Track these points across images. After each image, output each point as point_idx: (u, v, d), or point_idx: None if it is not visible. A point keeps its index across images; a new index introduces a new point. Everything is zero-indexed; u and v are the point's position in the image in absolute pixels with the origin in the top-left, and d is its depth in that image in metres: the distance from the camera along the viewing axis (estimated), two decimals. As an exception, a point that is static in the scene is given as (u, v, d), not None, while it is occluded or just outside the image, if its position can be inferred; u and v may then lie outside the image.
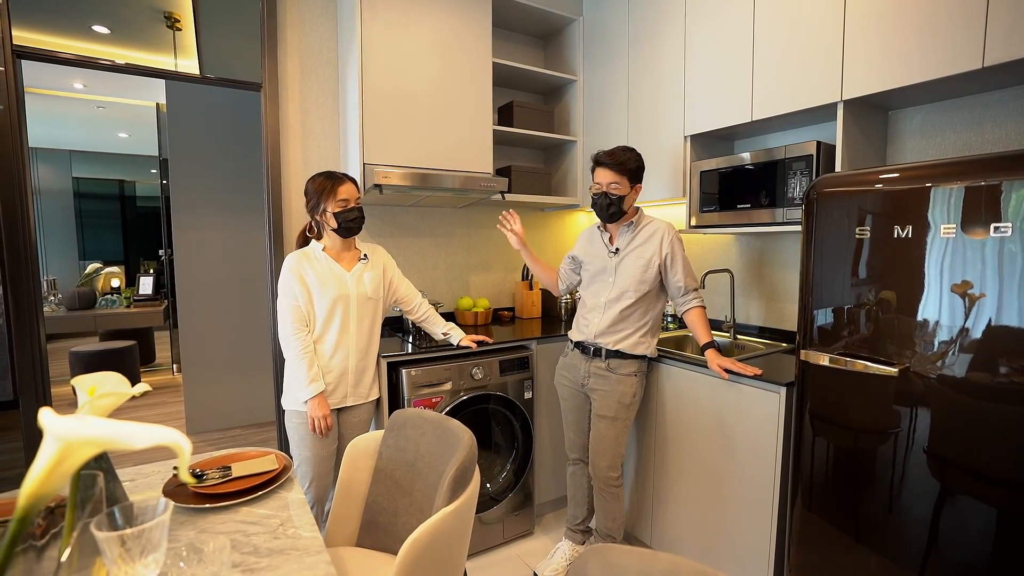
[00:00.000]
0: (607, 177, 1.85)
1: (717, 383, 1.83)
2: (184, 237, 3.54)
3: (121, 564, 0.68)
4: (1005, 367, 1.14)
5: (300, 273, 1.77)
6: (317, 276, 1.78)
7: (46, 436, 0.46)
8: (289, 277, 1.77)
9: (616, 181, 1.85)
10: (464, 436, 1.22)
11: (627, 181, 1.86)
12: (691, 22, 2.18)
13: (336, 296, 1.79)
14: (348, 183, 1.81)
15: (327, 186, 1.78)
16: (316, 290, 1.78)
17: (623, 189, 1.86)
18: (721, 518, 1.86)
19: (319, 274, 1.79)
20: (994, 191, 1.12)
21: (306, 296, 1.77)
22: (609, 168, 1.85)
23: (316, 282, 1.78)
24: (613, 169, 1.84)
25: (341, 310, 1.80)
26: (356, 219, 1.82)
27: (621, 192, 1.86)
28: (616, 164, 1.84)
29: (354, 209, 1.81)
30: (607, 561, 0.78)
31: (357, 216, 1.81)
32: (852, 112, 1.71)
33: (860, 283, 1.39)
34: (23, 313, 1.83)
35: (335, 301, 1.79)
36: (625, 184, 1.86)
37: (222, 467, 1.26)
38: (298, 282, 1.76)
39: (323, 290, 1.78)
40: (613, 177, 1.85)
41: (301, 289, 1.77)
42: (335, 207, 1.77)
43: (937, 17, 1.44)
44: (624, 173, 1.85)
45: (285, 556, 0.94)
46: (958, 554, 1.24)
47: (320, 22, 2.43)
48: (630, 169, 1.85)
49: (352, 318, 1.83)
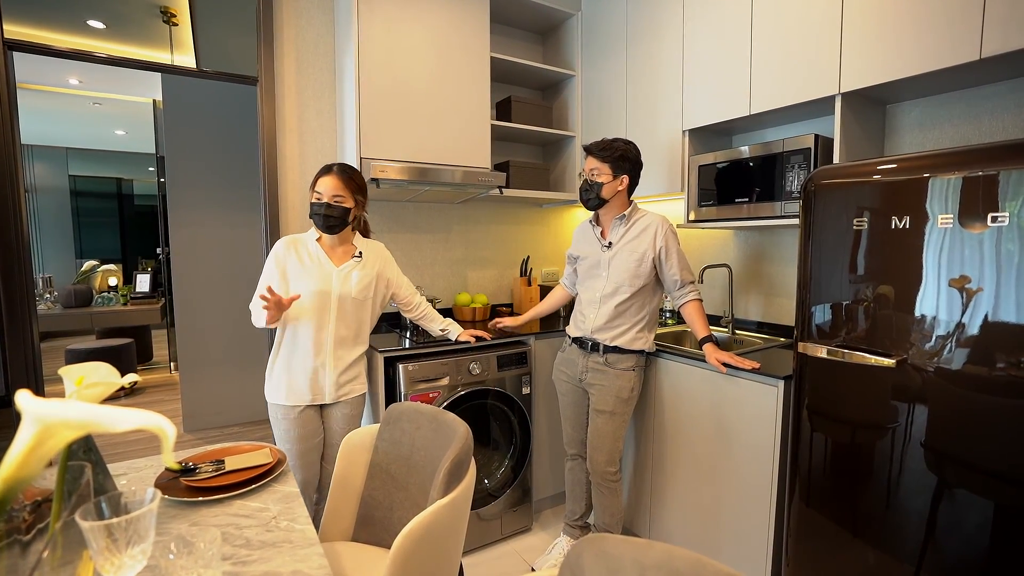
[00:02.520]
0: (589, 164, 1.89)
1: (715, 377, 1.82)
2: (181, 234, 3.52)
3: (107, 555, 0.67)
4: (1002, 360, 1.13)
5: (282, 260, 1.75)
6: (301, 266, 1.75)
7: (24, 419, 0.45)
8: (270, 260, 1.76)
9: (596, 168, 1.87)
10: (460, 429, 1.21)
11: (609, 169, 1.86)
12: (689, 16, 2.17)
13: (315, 290, 1.73)
14: (330, 177, 1.74)
15: (315, 178, 1.76)
16: (294, 281, 1.73)
17: (604, 177, 1.86)
18: (719, 512, 1.85)
19: (303, 264, 1.75)
20: (991, 180, 1.11)
21: (282, 285, 1.73)
22: (592, 155, 1.88)
23: (298, 271, 1.74)
24: (596, 156, 1.87)
25: (318, 305, 1.74)
26: (321, 215, 1.72)
27: (602, 180, 1.86)
28: (599, 150, 1.86)
29: (322, 204, 1.71)
30: (602, 551, 0.77)
31: (323, 213, 1.72)
32: (850, 106, 1.70)
33: (857, 275, 1.38)
34: (15, 309, 1.82)
35: (313, 296, 1.73)
36: (607, 172, 1.86)
37: (215, 461, 1.25)
38: (275, 265, 1.74)
39: (302, 282, 1.73)
40: (594, 164, 1.87)
41: (278, 275, 1.73)
42: (312, 197, 1.75)
43: (934, 9, 1.43)
44: (607, 160, 1.85)
45: (277, 548, 0.93)
46: (955, 547, 1.23)
47: (317, 16, 2.41)
48: (614, 157, 1.85)
49: (331, 316, 1.76)
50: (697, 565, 0.72)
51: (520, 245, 3.06)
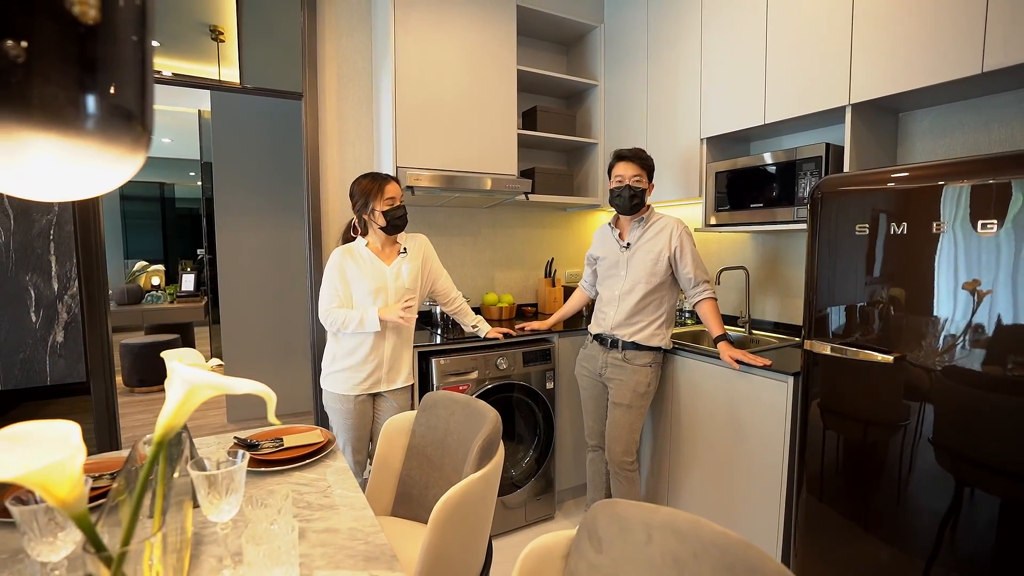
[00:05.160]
0: (631, 171, 2.00)
1: (729, 374, 1.92)
2: (226, 236, 3.76)
3: (211, 499, 0.83)
4: (999, 358, 1.21)
5: (342, 268, 1.93)
6: (359, 270, 1.93)
7: (175, 381, 0.60)
8: (331, 270, 1.93)
9: (638, 175, 2.00)
10: (489, 414, 1.35)
11: (646, 176, 2.01)
12: (707, 29, 2.27)
13: (375, 288, 1.92)
14: (392, 182, 1.94)
15: (373, 187, 1.91)
16: (356, 284, 1.93)
17: (644, 183, 2.01)
18: (732, 503, 1.95)
19: (360, 269, 1.94)
20: (987, 190, 1.20)
21: (345, 289, 1.92)
22: (632, 162, 2.01)
23: (357, 276, 1.92)
24: (636, 163, 2.00)
25: (381, 302, 1.93)
26: (402, 216, 1.94)
27: (643, 185, 2.01)
28: (638, 159, 2.01)
29: (400, 207, 1.93)
30: (615, 513, 0.90)
31: (403, 214, 1.94)
32: (860, 115, 1.79)
33: (860, 277, 1.47)
34: (94, 305, 2.04)
35: (374, 293, 1.92)
36: (645, 178, 2.01)
37: (275, 439, 1.41)
38: (338, 276, 1.92)
39: (363, 284, 1.92)
40: (636, 171, 2.00)
41: (341, 283, 1.92)
42: (383, 206, 1.91)
43: (939, 25, 1.51)
44: (644, 168, 2.01)
45: (335, 511, 1.09)
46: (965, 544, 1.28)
47: (356, 35, 2.59)
48: (649, 166, 2.02)
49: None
50: (695, 525, 0.84)
51: (545, 247, 3.19)
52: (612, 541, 0.88)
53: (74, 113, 0.48)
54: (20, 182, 0.50)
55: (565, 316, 2.48)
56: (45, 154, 0.48)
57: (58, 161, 0.49)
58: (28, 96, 0.46)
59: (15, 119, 0.46)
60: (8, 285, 1.89)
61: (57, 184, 0.51)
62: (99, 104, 0.49)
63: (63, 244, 1.96)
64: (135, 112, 0.51)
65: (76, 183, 0.51)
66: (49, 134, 0.47)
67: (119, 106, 0.50)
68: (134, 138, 0.51)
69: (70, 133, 0.48)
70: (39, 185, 0.51)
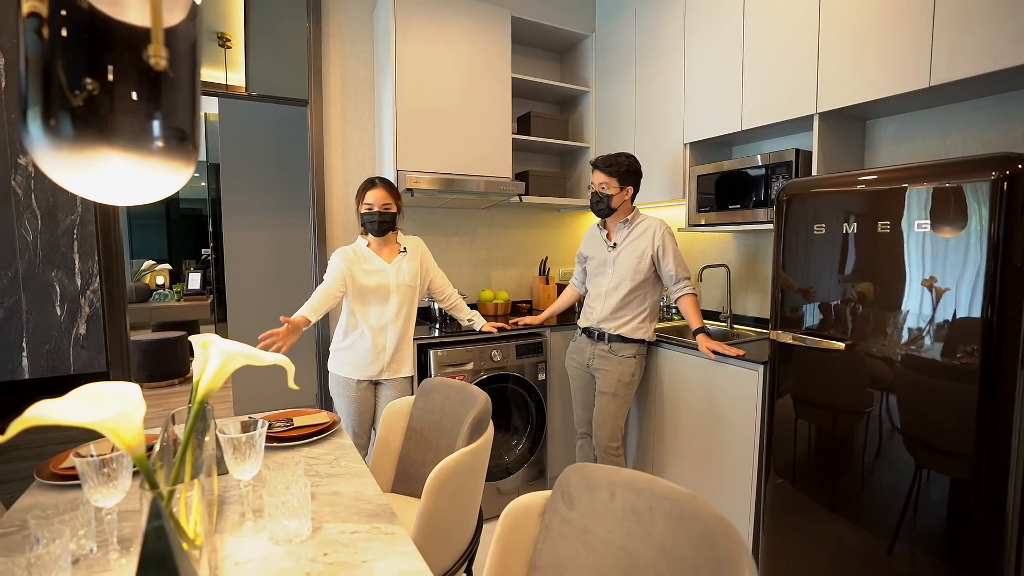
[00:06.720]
0: (599, 178, 2.14)
1: (708, 364, 2.06)
2: (233, 236, 3.90)
3: (235, 460, 0.97)
4: (950, 349, 1.35)
5: (347, 260, 2.06)
6: (361, 267, 2.07)
7: (213, 351, 0.74)
8: (336, 259, 2.06)
9: (605, 182, 2.13)
10: (480, 396, 1.48)
11: (616, 182, 2.12)
12: (689, 41, 2.41)
13: (377, 284, 2.07)
14: (376, 189, 2.05)
15: (361, 191, 2.08)
16: (360, 277, 2.06)
17: (612, 189, 2.13)
18: (709, 485, 2.09)
19: (364, 265, 2.08)
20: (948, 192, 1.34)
21: (351, 280, 2.05)
22: (600, 170, 2.14)
23: (360, 272, 2.06)
24: (603, 171, 2.13)
25: (380, 297, 2.08)
26: (376, 222, 2.04)
27: (610, 192, 2.13)
28: (606, 167, 2.12)
29: (375, 213, 2.03)
30: (584, 474, 1.03)
31: (377, 220, 2.03)
32: (828, 123, 1.92)
33: (821, 273, 1.61)
34: (114, 300, 2.18)
35: (377, 289, 2.06)
36: (614, 185, 2.12)
37: (285, 419, 1.55)
38: (344, 264, 2.04)
39: (367, 279, 2.06)
40: (603, 178, 2.13)
41: (346, 272, 2.03)
42: (361, 209, 2.07)
43: (893, 41, 1.65)
44: (614, 175, 2.12)
45: (341, 478, 1.23)
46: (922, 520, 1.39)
47: (359, 44, 2.73)
48: (620, 172, 2.12)
49: (392, 303, 2.09)
50: (651, 482, 0.98)
51: (539, 247, 3.33)
52: (581, 498, 1.02)
53: (144, 137, 0.62)
54: (99, 188, 0.65)
55: (557, 311, 2.61)
56: (121, 168, 0.62)
57: (130, 173, 0.63)
58: (111, 124, 0.60)
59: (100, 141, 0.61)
60: (36, 280, 2.03)
61: (128, 191, 0.65)
62: (163, 130, 0.63)
63: (86, 243, 2.10)
64: (188, 133, 0.66)
65: (143, 190, 0.65)
66: (125, 153, 0.62)
67: (177, 128, 0.65)
68: (187, 154, 0.65)
69: (141, 152, 0.62)
70: (114, 192, 0.65)
